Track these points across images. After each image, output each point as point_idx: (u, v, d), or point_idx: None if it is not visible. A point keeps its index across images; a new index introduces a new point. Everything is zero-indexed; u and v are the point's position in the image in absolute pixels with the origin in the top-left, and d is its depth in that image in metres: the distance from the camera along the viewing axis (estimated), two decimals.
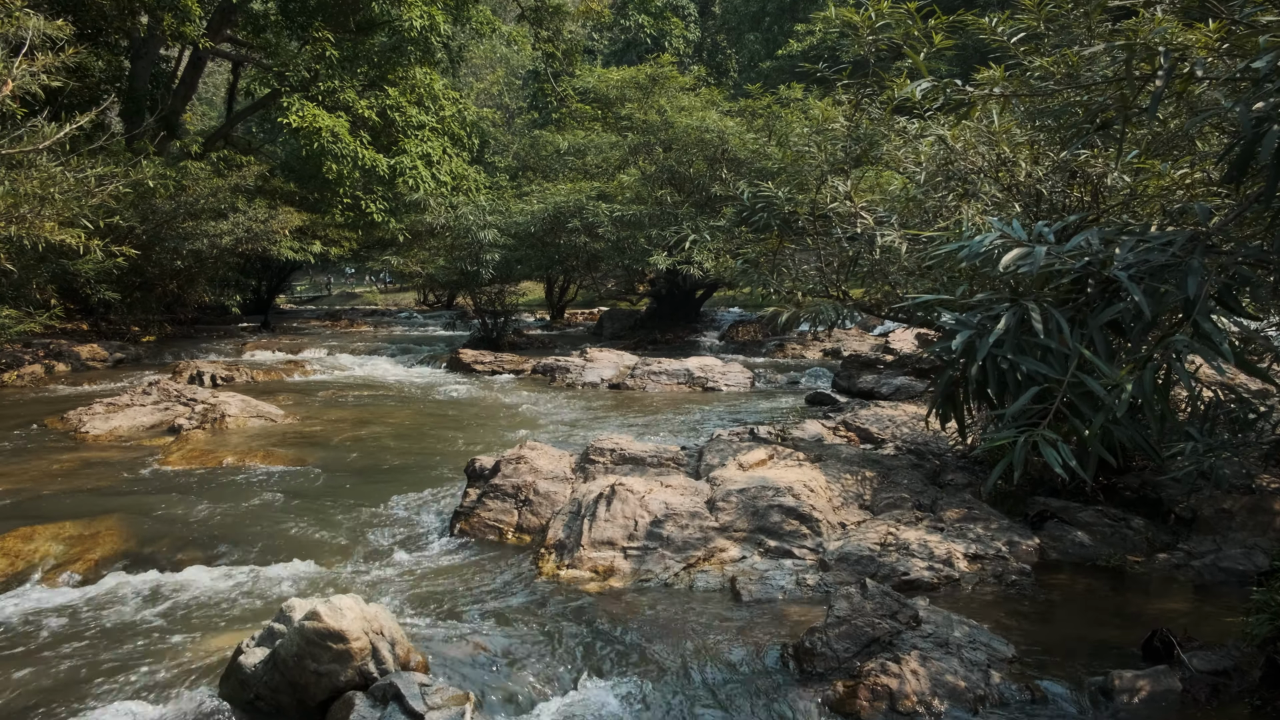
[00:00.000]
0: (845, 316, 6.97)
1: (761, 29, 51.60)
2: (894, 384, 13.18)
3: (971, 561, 5.64)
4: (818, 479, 6.32)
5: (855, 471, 6.86)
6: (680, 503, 5.88)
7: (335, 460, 9.56)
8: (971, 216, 6.20)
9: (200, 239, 22.47)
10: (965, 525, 6.12)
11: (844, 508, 6.26)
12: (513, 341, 24.02)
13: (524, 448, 7.15)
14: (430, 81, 28.33)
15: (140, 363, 20.48)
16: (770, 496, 5.87)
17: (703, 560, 5.61)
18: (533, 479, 6.76)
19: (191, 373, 17.14)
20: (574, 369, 16.99)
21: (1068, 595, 5.45)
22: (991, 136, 6.62)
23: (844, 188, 6.80)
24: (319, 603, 3.92)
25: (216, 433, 11.16)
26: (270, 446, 10.19)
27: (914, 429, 9.34)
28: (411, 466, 9.23)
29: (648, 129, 22.16)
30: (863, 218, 6.73)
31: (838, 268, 7.95)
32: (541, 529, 6.47)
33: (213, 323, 30.07)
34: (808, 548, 5.67)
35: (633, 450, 7.02)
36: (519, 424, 11.85)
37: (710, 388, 15.70)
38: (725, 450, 7.06)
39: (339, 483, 8.51)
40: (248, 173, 24.16)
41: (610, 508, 5.85)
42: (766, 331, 23.53)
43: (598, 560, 5.62)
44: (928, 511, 6.52)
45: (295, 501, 7.76)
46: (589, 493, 6.20)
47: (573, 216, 21.35)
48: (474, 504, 6.78)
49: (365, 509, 7.44)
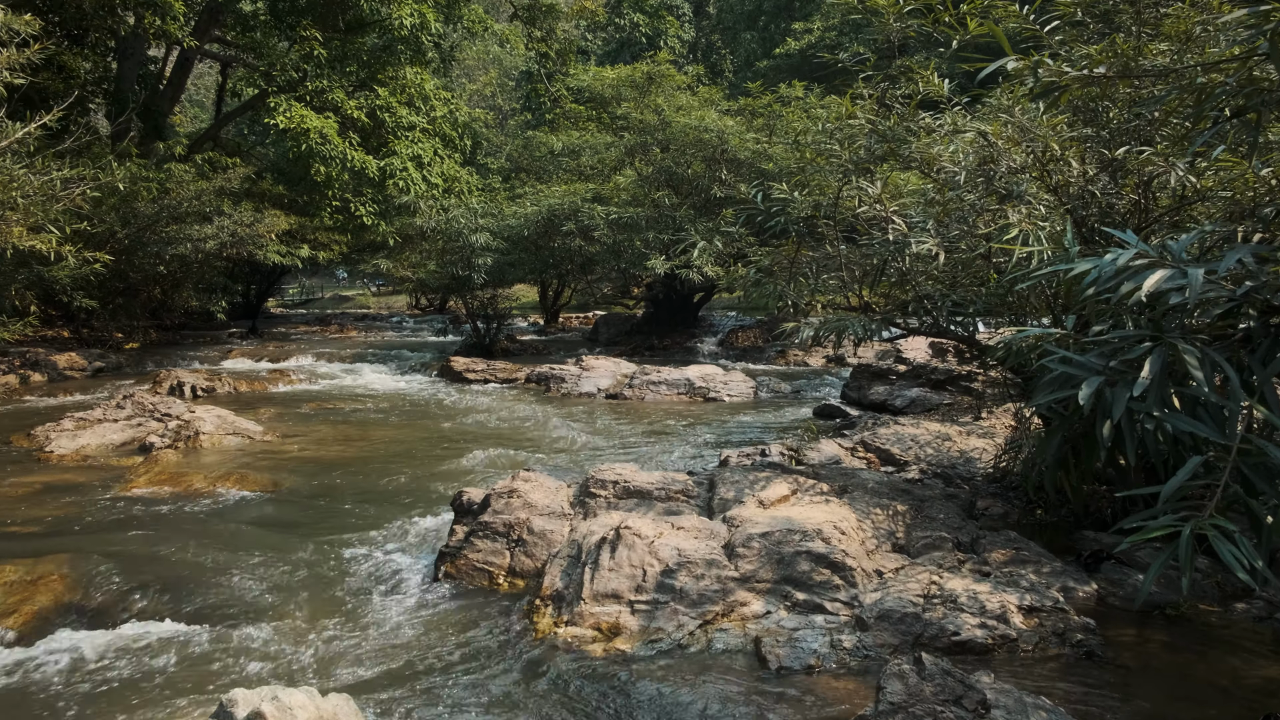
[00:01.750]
0: (873, 333, 6.26)
1: (758, 28, 50.94)
2: (908, 396, 12.48)
3: (1028, 616, 4.94)
4: (848, 518, 5.62)
5: (885, 505, 6.16)
6: (695, 548, 5.17)
7: (312, 485, 8.85)
8: (1019, 221, 5.51)
9: (184, 243, 21.73)
10: (1015, 570, 5.42)
11: (878, 551, 5.55)
12: (506, 348, 23.31)
13: (516, 479, 6.43)
14: (421, 81, 27.62)
15: (121, 371, 19.73)
16: (797, 541, 5.16)
17: (721, 616, 4.90)
18: (526, 515, 6.05)
19: (172, 383, 16.41)
20: (569, 378, 16.28)
21: (1143, 658, 4.75)
22: (1037, 132, 5.93)
23: (874, 189, 6.10)
24: (266, 700, 3.21)
25: (189, 452, 10.43)
26: (244, 468, 9.47)
27: (939, 449, 8.65)
28: (395, 493, 8.51)
29: (644, 129, 21.47)
30: (895, 222, 6.03)
31: (860, 277, 7.25)
32: (537, 573, 5.76)
33: (200, 328, 29.34)
34: (841, 601, 4.97)
35: (637, 482, 6.30)
36: (512, 441, 11.13)
37: (712, 398, 15.01)
38: (740, 482, 6.34)
39: (315, 513, 7.79)
40: (233, 175, 23.43)
41: (615, 555, 5.14)
42: (767, 337, 22.85)
43: (601, 616, 4.91)
44: (969, 552, 5.83)
45: (264, 537, 7.04)
46: (590, 534, 5.49)
47: (567, 219, 20.67)
48: (461, 544, 6.07)
49: (341, 546, 6.72)
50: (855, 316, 6.30)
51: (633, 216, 20.25)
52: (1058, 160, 6.00)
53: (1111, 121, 6.34)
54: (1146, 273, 2.38)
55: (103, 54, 27.56)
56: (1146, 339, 2.41)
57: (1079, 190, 5.96)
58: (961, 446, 8.65)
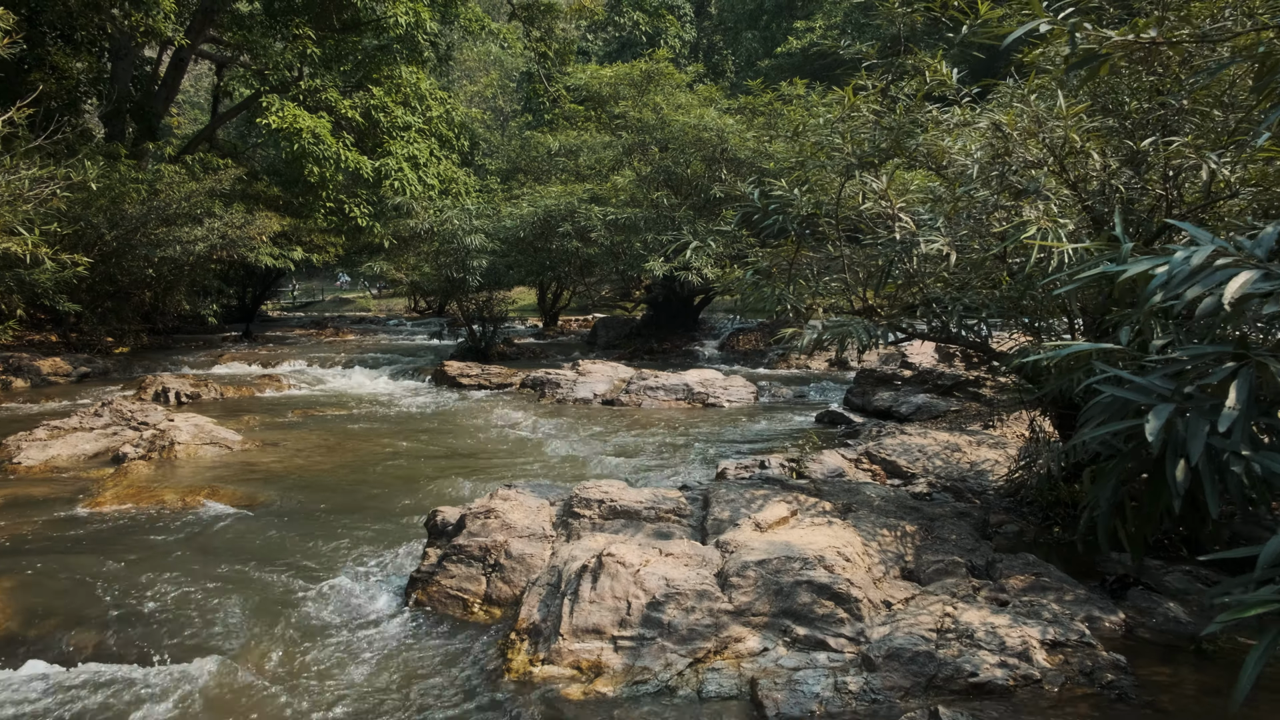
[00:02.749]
0: (879, 338, 5.80)
1: (759, 27, 50.49)
2: (914, 402, 12.01)
3: (1052, 652, 4.48)
4: (852, 542, 5.15)
5: (893, 525, 5.70)
6: (684, 578, 4.70)
7: (287, 500, 8.39)
8: (1036, 219, 5.05)
9: (172, 245, 21.28)
10: (1035, 599, 4.95)
11: (886, 578, 5.09)
12: (502, 351, 22.85)
13: (494, 497, 5.97)
14: (417, 81, 27.18)
15: (108, 377, 19.29)
16: (797, 570, 4.69)
17: (713, 654, 4.44)
18: (504, 538, 5.59)
19: (156, 389, 15.98)
20: (565, 383, 15.82)
21: (1180, 701, 4.28)
22: (1055, 123, 5.47)
23: (878, 185, 5.63)
24: None
25: (163, 463, 9.98)
26: (218, 481, 9.01)
27: (948, 461, 8.19)
28: (371, 509, 8.05)
29: (642, 128, 21.02)
30: (902, 220, 5.57)
31: (864, 279, 6.80)
32: (514, 601, 5.30)
33: (194, 332, 28.92)
34: (846, 636, 4.50)
35: (625, 501, 5.83)
36: (499, 452, 10.68)
37: (711, 404, 14.55)
38: (736, 501, 5.87)
39: (284, 531, 7.32)
40: (224, 176, 23.01)
41: (597, 585, 4.68)
42: (769, 340, 22.39)
43: (581, 654, 4.45)
44: (985, 578, 5.36)
45: (227, 559, 6.58)
46: (571, 560, 5.03)
47: (563, 220, 20.22)
48: (434, 568, 5.61)
49: (307, 570, 6.27)
50: (859, 321, 5.84)
51: (631, 217, 19.82)
52: (1077, 153, 5.54)
53: (1133, 112, 5.89)
54: (1227, 274, 1.92)
55: (97, 54, 27.22)
56: (1229, 357, 1.94)
57: (1101, 185, 5.50)
58: (972, 457, 8.19)
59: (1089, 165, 5.51)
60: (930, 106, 6.41)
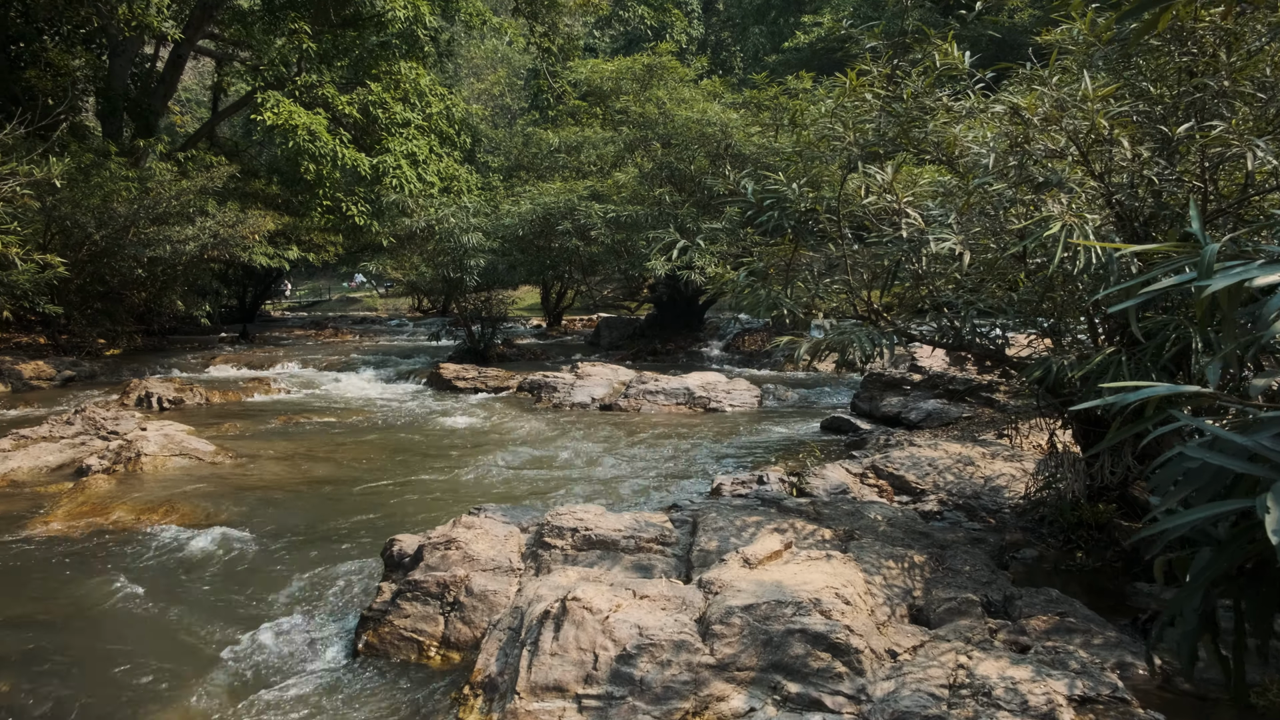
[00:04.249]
0: (884, 347, 5.21)
1: (767, 22, 49.81)
2: (924, 409, 11.39)
3: (1081, 710, 3.88)
4: (853, 581, 4.54)
5: (899, 556, 5.10)
6: (660, 625, 4.11)
7: (251, 519, 7.81)
8: (1061, 213, 4.46)
9: (162, 245, 20.75)
10: (1060, 644, 4.35)
11: (891, 621, 4.48)
12: (502, 353, 22.28)
13: (457, 525, 5.38)
14: (416, 76, 26.57)
15: (94, 381, 18.75)
16: (789, 616, 4.10)
17: (692, 715, 3.85)
18: (465, 572, 5.00)
19: (140, 394, 15.44)
20: (562, 387, 15.24)
21: None
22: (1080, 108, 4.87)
23: (884, 177, 5.02)
24: None
25: (127, 477, 9.42)
26: (179, 498, 8.45)
27: (960, 475, 7.58)
28: (339, 530, 7.47)
29: (645, 123, 20.42)
30: (910, 216, 4.97)
31: (868, 280, 6.20)
32: (475, 644, 4.72)
33: (190, 333, 28.41)
34: (845, 694, 3.91)
35: (601, 529, 5.24)
36: (486, 462, 10.09)
37: (713, 409, 13.96)
38: (726, 529, 5.27)
39: (240, 557, 6.75)
40: (216, 174, 22.48)
41: (560, 634, 4.09)
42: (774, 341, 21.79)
43: (540, 715, 3.86)
44: (1003, 617, 4.77)
45: (171, 590, 6.02)
46: (536, 600, 4.45)
47: (563, 218, 19.63)
48: (387, 606, 5.03)
49: (255, 604, 5.70)
50: (862, 328, 5.24)
51: (633, 214, 19.22)
52: (1104, 141, 4.94)
53: (1164, 96, 5.28)
54: None
55: (96, 52, 26.77)
56: None
57: (1132, 176, 4.90)
58: (985, 472, 7.58)
59: (1117, 154, 4.91)
60: (939, 93, 5.81)
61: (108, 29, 24.40)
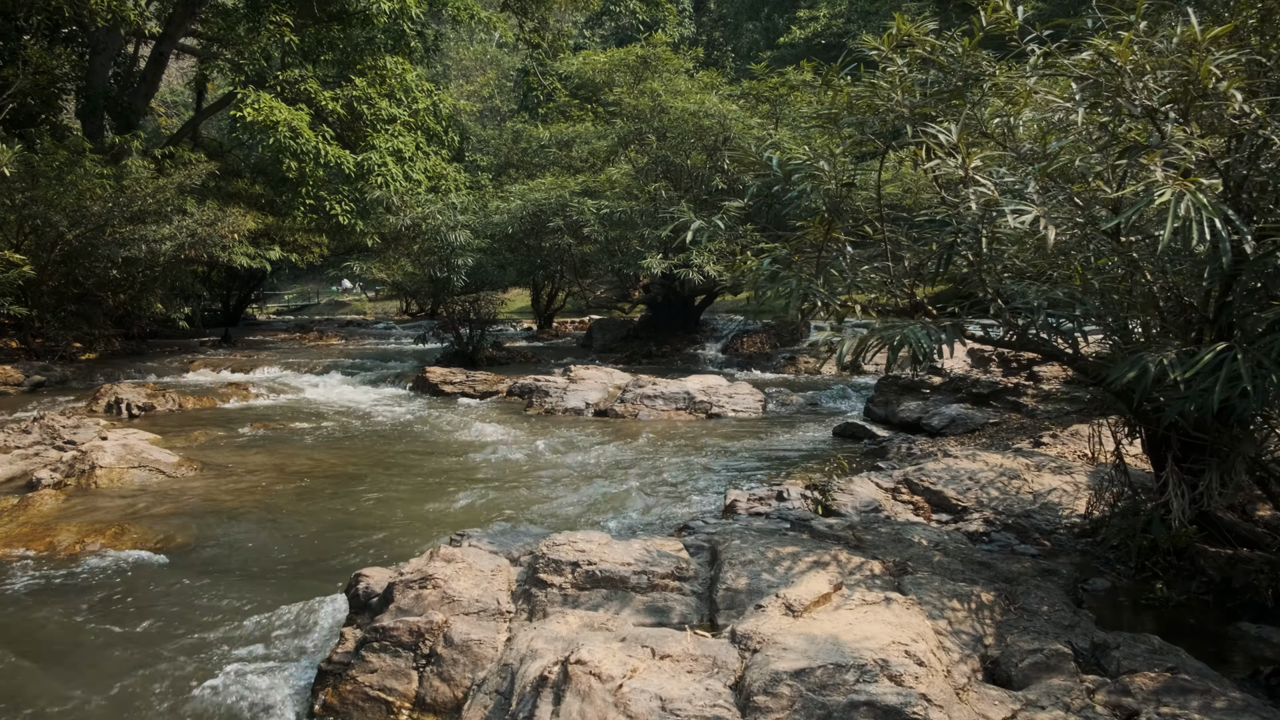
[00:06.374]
0: (945, 343, 4.36)
1: (761, 18, 49.03)
2: (947, 414, 10.55)
3: None
4: (922, 633, 3.69)
5: (964, 594, 4.26)
6: (688, 697, 3.25)
7: (207, 541, 6.95)
8: (1166, 179, 3.64)
9: (137, 245, 19.86)
10: (1176, 711, 3.53)
11: (971, 686, 3.62)
12: (491, 356, 21.38)
13: (435, 558, 4.51)
14: (403, 72, 25.70)
15: (65, 386, 17.84)
16: (852, 684, 3.24)
17: None
18: (444, 617, 4.14)
19: (109, 400, 14.59)
20: (554, 391, 14.38)
21: None
22: (1182, 53, 4.05)
23: (948, 136, 4.17)
24: None
25: (78, 492, 8.55)
26: (132, 518, 7.58)
27: (1005, 491, 6.75)
28: (304, 557, 6.61)
29: (638, 115, 19.58)
30: (980, 184, 4.11)
31: (912, 269, 5.36)
32: (456, 705, 3.87)
33: (172, 337, 27.50)
34: None
35: (607, 562, 4.38)
36: (472, 476, 9.24)
37: (715, 414, 13.12)
38: (756, 562, 4.41)
39: (190, 589, 5.89)
40: (194, 171, 21.62)
41: (562, 708, 3.22)
42: (775, 343, 20.98)
43: None
44: (1096, 670, 3.93)
45: (102, 630, 5.16)
46: (530, 657, 3.61)
47: (554, 215, 18.78)
48: (350, 657, 4.17)
49: (198, 651, 4.84)
50: (914, 324, 4.40)
51: (626, 211, 18.37)
52: (1208, 95, 4.11)
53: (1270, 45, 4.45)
54: None
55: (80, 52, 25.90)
56: None
57: (1249, 138, 4.07)
58: (1034, 486, 6.75)
59: (1227, 111, 4.08)
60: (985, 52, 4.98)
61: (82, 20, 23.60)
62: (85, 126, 25.59)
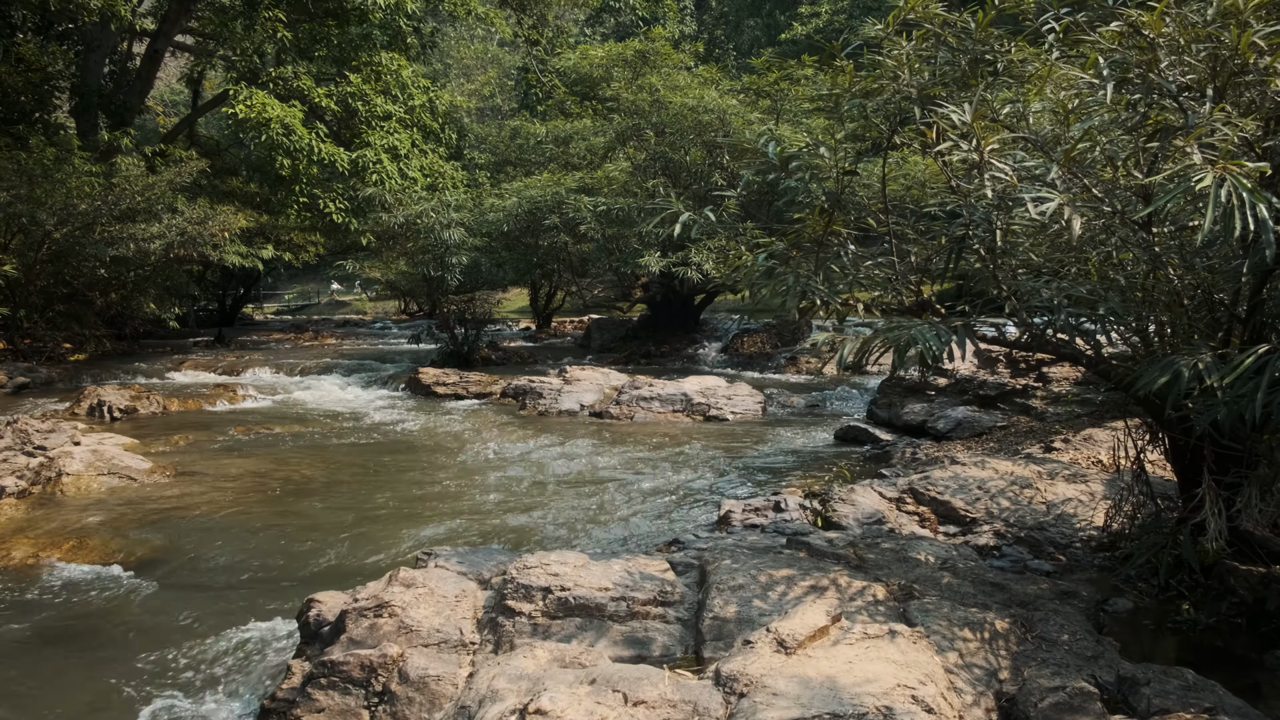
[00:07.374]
0: (956, 344, 3.96)
1: (762, 14, 48.60)
2: (953, 417, 10.14)
3: None
4: (931, 673, 3.28)
5: (976, 622, 3.86)
6: None
7: (168, 556, 6.55)
8: (1204, 163, 3.23)
9: (126, 243, 19.49)
10: None
11: None
12: (487, 356, 20.98)
13: (394, 582, 4.10)
14: (398, 68, 25.32)
15: (50, 388, 17.43)
16: None
17: None
18: (400, 649, 3.74)
19: (92, 402, 14.19)
20: (549, 393, 13.99)
21: None
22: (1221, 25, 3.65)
23: (961, 117, 3.76)
24: None
25: (42, 501, 8.16)
26: (94, 529, 7.18)
27: (1016, 500, 6.34)
28: (268, 573, 6.20)
29: (636, 111, 19.16)
30: (995, 169, 3.71)
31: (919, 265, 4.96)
32: None
33: (164, 337, 27.10)
34: None
35: (583, 587, 3.97)
36: (456, 483, 8.84)
37: (713, 416, 12.72)
38: (747, 586, 4.01)
39: (140, 609, 5.49)
40: (185, 169, 21.23)
41: None
42: (776, 343, 20.56)
43: None
44: (1124, 710, 3.53)
45: (42, 652, 4.77)
46: (491, 700, 3.20)
47: (550, 212, 18.37)
48: (295, 694, 3.77)
49: (139, 678, 4.44)
50: (922, 324, 4.00)
51: (624, 208, 17.95)
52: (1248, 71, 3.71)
53: None
54: None
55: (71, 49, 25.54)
56: None
57: None
58: (1047, 496, 6.34)
59: (1270, 89, 3.67)
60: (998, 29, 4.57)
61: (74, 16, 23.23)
62: (79, 124, 25.26)
